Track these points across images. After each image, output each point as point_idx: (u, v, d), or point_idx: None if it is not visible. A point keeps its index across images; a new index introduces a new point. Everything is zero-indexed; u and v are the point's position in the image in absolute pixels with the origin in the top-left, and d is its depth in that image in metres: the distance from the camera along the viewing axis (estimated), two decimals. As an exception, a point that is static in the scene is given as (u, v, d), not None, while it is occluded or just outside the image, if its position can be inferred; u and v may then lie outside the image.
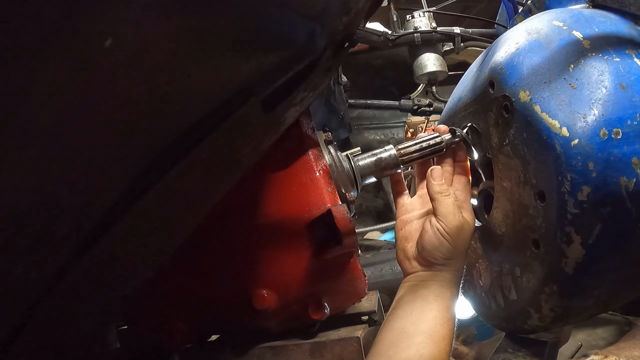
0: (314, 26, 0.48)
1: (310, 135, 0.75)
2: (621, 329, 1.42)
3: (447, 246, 0.69)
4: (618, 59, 0.63)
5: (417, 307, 0.67)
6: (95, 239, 0.40)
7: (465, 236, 0.71)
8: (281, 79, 0.50)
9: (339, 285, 0.75)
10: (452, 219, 0.70)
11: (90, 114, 0.32)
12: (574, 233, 0.62)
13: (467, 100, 0.82)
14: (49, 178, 0.32)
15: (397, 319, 0.67)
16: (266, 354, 0.78)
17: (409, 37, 1.99)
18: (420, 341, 0.63)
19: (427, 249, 0.70)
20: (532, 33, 0.71)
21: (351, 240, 0.68)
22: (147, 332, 0.78)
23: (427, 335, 0.64)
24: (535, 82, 0.66)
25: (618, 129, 0.60)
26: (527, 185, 0.68)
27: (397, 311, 0.68)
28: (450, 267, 0.70)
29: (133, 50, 0.30)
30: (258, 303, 0.72)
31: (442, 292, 0.68)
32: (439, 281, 0.69)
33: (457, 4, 2.15)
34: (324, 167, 0.73)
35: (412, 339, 0.64)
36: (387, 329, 0.67)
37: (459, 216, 0.70)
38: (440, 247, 0.69)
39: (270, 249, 0.72)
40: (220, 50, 0.38)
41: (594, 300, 0.69)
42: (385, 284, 1.37)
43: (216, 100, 0.43)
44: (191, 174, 0.47)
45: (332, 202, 0.71)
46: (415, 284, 0.70)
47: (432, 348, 0.63)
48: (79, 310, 0.49)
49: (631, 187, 0.60)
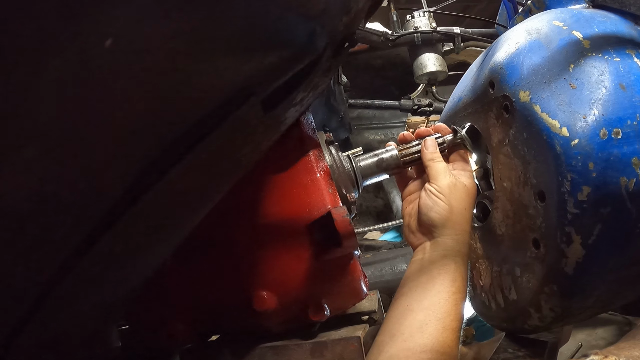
0: (314, 26, 0.48)
1: (311, 136, 0.74)
2: (621, 329, 1.42)
3: (441, 204, 0.69)
4: (618, 59, 0.63)
5: (422, 283, 0.65)
6: (95, 239, 0.40)
7: (460, 195, 0.70)
8: (281, 79, 0.50)
9: (339, 287, 0.75)
10: (443, 179, 0.71)
11: (91, 114, 0.31)
12: (574, 233, 0.62)
13: (467, 100, 0.82)
14: (49, 178, 0.32)
15: (402, 297, 0.66)
16: (267, 353, 0.78)
17: (409, 37, 1.99)
18: (423, 318, 0.61)
19: (422, 211, 0.71)
20: (532, 33, 0.71)
21: (351, 242, 0.68)
22: (147, 332, 0.78)
23: (431, 312, 0.62)
24: (535, 82, 0.66)
25: (618, 129, 0.60)
26: (527, 185, 0.68)
27: (403, 289, 0.67)
28: (449, 229, 0.69)
29: (133, 50, 0.30)
30: (258, 304, 0.72)
31: (446, 264, 0.66)
32: (440, 251, 0.68)
33: (457, 4, 2.15)
34: (324, 168, 0.73)
35: (415, 316, 0.62)
36: (393, 307, 0.66)
37: (449, 176, 0.71)
38: (434, 206, 0.69)
39: (270, 250, 0.72)
40: (220, 50, 0.38)
41: (594, 300, 0.69)
42: (385, 284, 1.37)
43: (216, 100, 0.43)
44: (191, 174, 0.47)
45: (332, 203, 0.70)
46: (420, 258, 0.69)
47: (436, 324, 0.61)
48: (79, 310, 0.49)
49: (631, 187, 0.60)
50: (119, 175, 0.38)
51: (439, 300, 0.63)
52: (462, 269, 0.67)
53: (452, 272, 0.65)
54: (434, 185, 0.71)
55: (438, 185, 0.71)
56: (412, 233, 0.74)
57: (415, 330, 0.60)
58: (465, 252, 0.69)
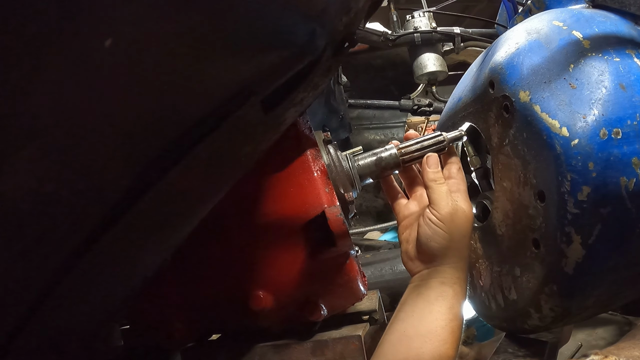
0: (314, 26, 0.47)
1: (308, 135, 0.74)
2: (621, 329, 1.42)
3: (441, 233, 0.67)
4: (618, 59, 0.63)
5: (419, 308, 0.65)
6: (95, 239, 0.40)
7: (460, 223, 0.68)
8: (281, 79, 0.50)
9: (336, 287, 0.75)
10: (444, 205, 0.68)
11: (90, 114, 0.32)
12: (574, 233, 0.62)
13: (467, 100, 0.82)
14: (49, 178, 0.32)
15: (399, 321, 0.66)
16: (268, 352, 0.78)
17: (409, 37, 1.99)
18: (419, 345, 0.62)
19: (422, 241, 0.69)
20: (532, 33, 0.71)
21: (345, 242, 0.68)
22: (147, 331, 0.78)
23: (428, 339, 0.62)
24: (535, 82, 0.66)
25: (618, 129, 0.60)
26: (527, 185, 0.68)
27: (400, 313, 0.67)
28: (449, 259, 0.68)
29: (133, 50, 0.30)
30: (254, 304, 0.72)
31: (444, 291, 0.66)
32: (439, 278, 0.67)
33: (457, 4, 2.15)
34: (321, 167, 0.72)
35: (412, 342, 0.62)
36: (389, 331, 0.66)
37: (451, 202, 0.69)
38: (434, 235, 0.67)
39: (267, 249, 0.72)
40: (220, 50, 0.38)
41: (594, 300, 0.69)
42: (385, 283, 1.37)
43: (216, 100, 0.43)
44: (191, 174, 0.47)
45: (329, 202, 0.70)
46: (417, 285, 0.69)
47: (432, 352, 0.61)
48: (79, 310, 0.49)
49: (631, 187, 0.60)
50: (119, 175, 0.38)
51: (436, 327, 0.63)
52: (459, 296, 0.67)
53: (450, 299, 0.65)
54: (434, 212, 0.68)
55: (439, 213, 0.68)
56: (411, 260, 0.72)
57: (412, 357, 0.61)
58: (463, 278, 0.69)
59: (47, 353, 0.48)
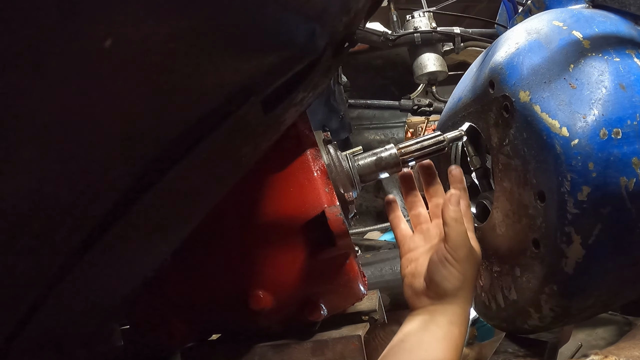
0: (314, 26, 0.47)
1: (308, 135, 0.74)
2: (621, 329, 1.42)
3: (457, 275, 0.67)
4: (618, 59, 0.63)
5: (425, 343, 0.64)
6: (95, 239, 0.40)
7: (473, 264, 0.69)
8: (281, 79, 0.50)
9: (336, 287, 0.75)
10: (463, 248, 0.67)
11: (91, 114, 0.32)
12: (574, 233, 0.62)
13: (467, 100, 0.82)
14: (49, 178, 0.32)
15: (403, 352, 0.65)
16: (268, 352, 0.78)
17: (409, 37, 1.99)
18: None
19: (435, 281, 0.68)
20: (532, 33, 0.71)
21: (345, 241, 0.67)
22: (147, 331, 0.78)
23: None
24: (535, 82, 0.66)
25: (618, 129, 0.60)
26: (527, 185, 0.68)
27: (404, 344, 0.66)
28: (459, 299, 0.67)
29: (133, 50, 0.30)
30: (254, 303, 0.72)
31: (451, 331, 0.65)
32: (448, 316, 0.66)
33: (457, 4, 2.15)
34: (321, 167, 0.72)
35: None
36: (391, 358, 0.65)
37: (468, 244, 0.68)
38: (449, 276, 0.67)
39: (266, 249, 0.72)
40: (220, 50, 0.38)
41: (594, 300, 0.69)
42: (385, 283, 1.36)
43: (216, 100, 0.43)
44: (191, 174, 0.47)
45: (329, 202, 0.70)
46: (425, 320, 0.67)
47: None
48: (79, 310, 0.49)
49: (631, 187, 0.60)
50: (118, 175, 0.38)
51: None
52: (464, 336, 0.67)
53: (456, 339, 0.65)
54: (451, 252, 0.67)
55: (458, 255, 0.67)
56: (416, 295, 0.71)
57: None
58: (467, 317, 0.69)
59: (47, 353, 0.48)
